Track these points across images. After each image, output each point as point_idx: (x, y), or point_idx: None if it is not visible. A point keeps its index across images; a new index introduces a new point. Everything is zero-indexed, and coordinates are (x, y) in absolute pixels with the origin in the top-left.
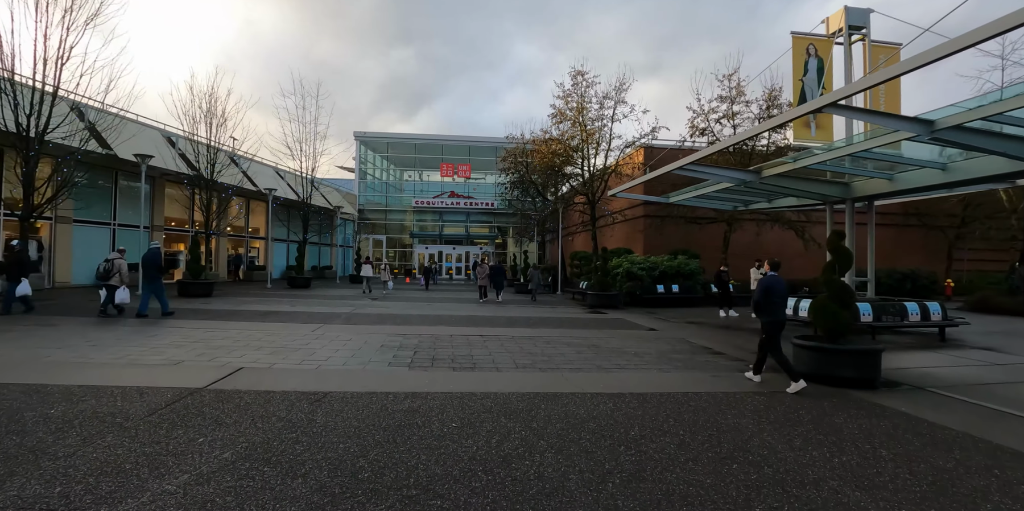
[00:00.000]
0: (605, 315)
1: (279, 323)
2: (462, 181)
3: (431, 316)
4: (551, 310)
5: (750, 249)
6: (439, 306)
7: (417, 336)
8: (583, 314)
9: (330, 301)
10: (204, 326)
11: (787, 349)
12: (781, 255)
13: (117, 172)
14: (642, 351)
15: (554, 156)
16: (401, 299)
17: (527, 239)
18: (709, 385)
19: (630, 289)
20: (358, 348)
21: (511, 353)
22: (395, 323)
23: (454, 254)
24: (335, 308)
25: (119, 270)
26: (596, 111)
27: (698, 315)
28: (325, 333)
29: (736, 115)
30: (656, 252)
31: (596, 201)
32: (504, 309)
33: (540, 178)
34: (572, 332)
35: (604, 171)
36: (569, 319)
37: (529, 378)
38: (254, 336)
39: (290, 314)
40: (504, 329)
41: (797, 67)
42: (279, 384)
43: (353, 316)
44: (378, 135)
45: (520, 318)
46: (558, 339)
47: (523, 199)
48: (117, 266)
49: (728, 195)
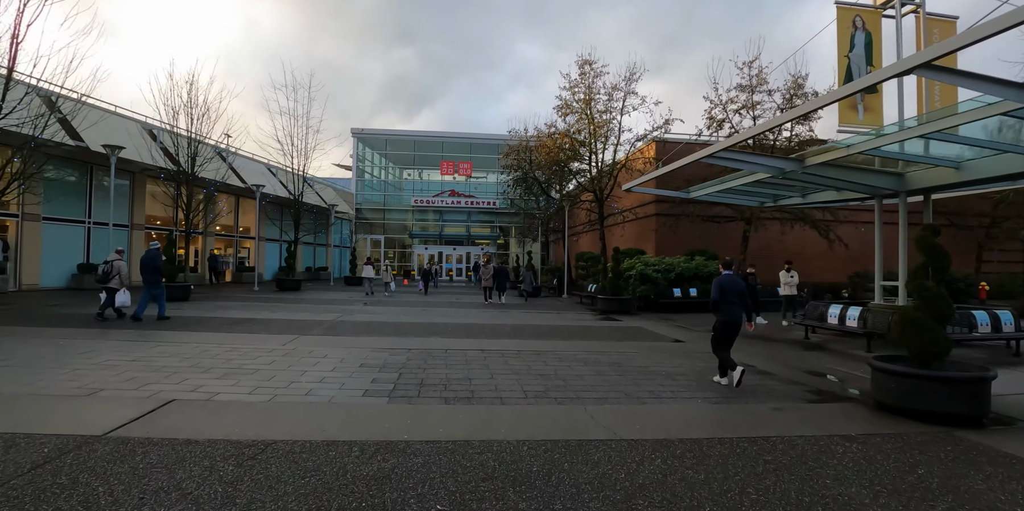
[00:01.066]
0: (619, 322)
1: (248, 334)
2: (463, 179)
3: (425, 325)
4: (559, 316)
5: (770, 249)
6: (435, 312)
7: (406, 351)
8: (595, 321)
9: (317, 306)
10: (157, 338)
11: (845, 366)
12: (802, 256)
13: (92, 166)
14: (675, 371)
15: (560, 151)
16: (395, 303)
17: (530, 239)
18: (778, 424)
19: (643, 293)
20: (331, 369)
21: (517, 375)
22: (383, 334)
23: (455, 255)
24: (319, 315)
25: (118, 272)
26: (604, 103)
27: None
28: (298, 347)
29: (757, 105)
30: (669, 253)
31: (604, 199)
32: (507, 315)
33: (545, 175)
34: (586, 345)
35: (613, 167)
36: (581, 328)
37: (543, 414)
38: (210, 351)
39: (266, 322)
40: (508, 341)
41: (842, 41)
42: (210, 427)
43: (337, 325)
44: (376, 132)
45: (526, 327)
46: (572, 354)
47: (526, 198)
48: (116, 268)
49: (757, 189)
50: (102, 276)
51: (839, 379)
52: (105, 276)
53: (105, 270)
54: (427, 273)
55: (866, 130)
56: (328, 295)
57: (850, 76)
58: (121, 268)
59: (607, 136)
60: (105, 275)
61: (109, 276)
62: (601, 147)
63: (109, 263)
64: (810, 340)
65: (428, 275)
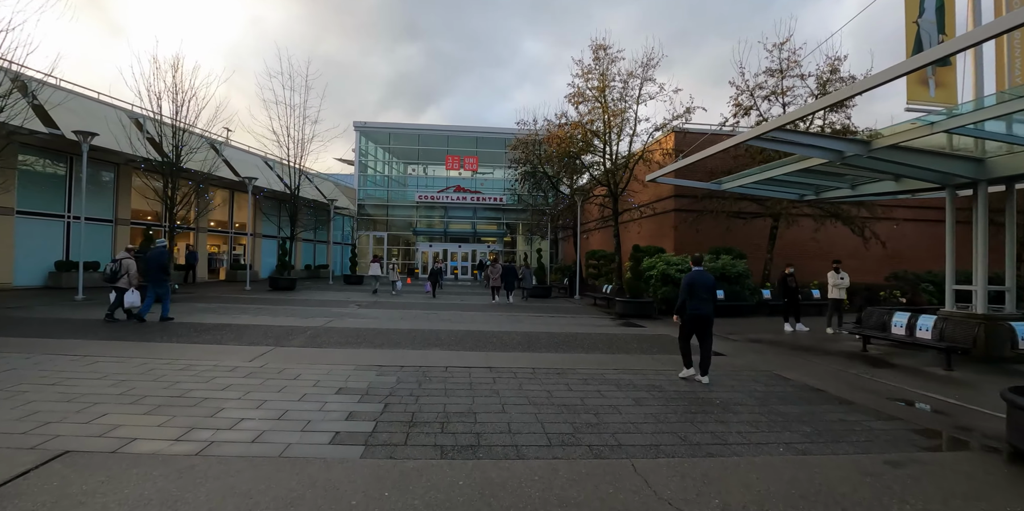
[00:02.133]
0: (643, 329)
1: (214, 345)
2: (469, 175)
3: (425, 332)
4: (574, 321)
5: (798, 247)
6: (437, 316)
7: (398, 370)
8: (615, 327)
9: (307, 308)
10: (101, 351)
11: (928, 388)
12: (831, 255)
13: (72, 157)
14: (731, 398)
15: (572, 142)
16: (393, 305)
17: (538, 237)
18: (912, 495)
19: (665, 295)
20: (299, 397)
21: (536, 406)
22: (373, 345)
23: (460, 252)
24: (307, 319)
25: (127, 271)
26: (620, 91)
27: (757, 329)
28: (267, 364)
29: (787, 91)
30: (688, 251)
31: (620, 193)
32: (517, 321)
33: (556, 168)
34: (613, 360)
35: (629, 158)
36: (602, 337)
37: (577, 477)
38: (156, 371)
39: (240, 330)
40: (520, 355)
41: (911, 5)
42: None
43: (322, 332)
44: (379, 125)
45: (539, 335)
46: (598, 373)
47: (535, 193)
48: (126, 266)
49: (800, 179)
50: (111, 275)
51: (934, 409)
52: (114, 275)
53: (113, 269)
54: (435, 273)
55: (938, 108)
56: (323, 295)
57: (919, 45)
58: (130, 267)
59: (622, 126)
60: (114, 274)
61: (118, 275)
62: (616, 138)
63: (118, 262)
64: (869, 353)
65: (436, 275)
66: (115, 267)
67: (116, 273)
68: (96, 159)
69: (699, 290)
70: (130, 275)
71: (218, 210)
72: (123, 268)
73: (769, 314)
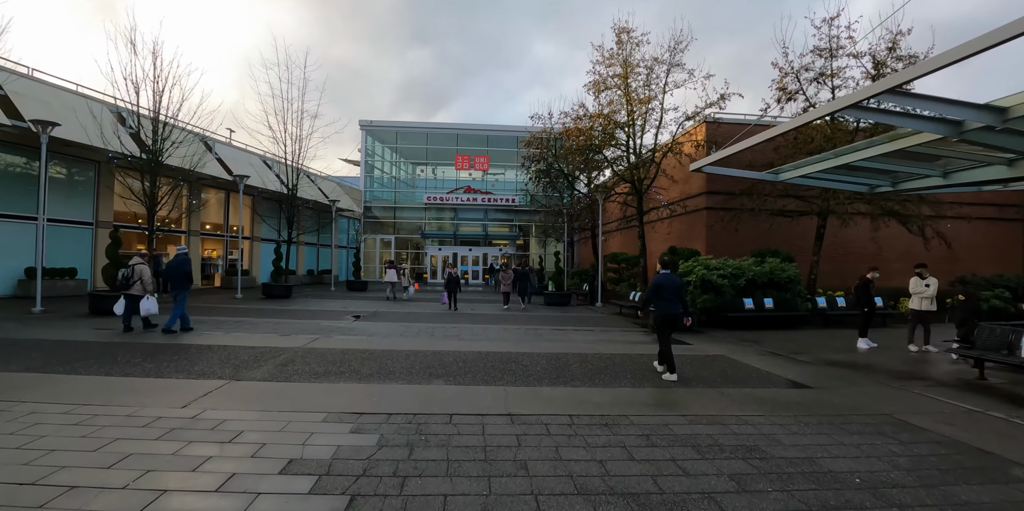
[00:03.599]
0: (688, 347)
1: (151, 379)
2: (479, 175)
3: (426, 355)
4: (604, 336)
5: (843, 249)
6: (444, 330)
7: (383, 421)
8: (655, 345)
9: (295, 322)
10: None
11: None
12: (880, 257)
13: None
14: (875, 474)
15: (592, 136)
16: (396, 317)
17: (553, 239)
18: None
19: (706, 304)
20: (218, 483)
21: (589, 498)
22: (359, 376)
23: (470, 256)
24: (288, 336)
25: (140, 277)
26: (645, 77)
27: (823, 346)
28: (203, 413)
29: (838, 73)
30: (722, 253)
31: (645, 190)
32: (537, 334)
33: (575, 162)
34: (675, 399)
35: (655, 151)
36: (646, 361)
37: None
38: (31, 430)
39: (200, 352)
40: (549, 392)
41: None
42: None
43: (299, 357)
44: (386, 124)
45: (568, 358)
46: (663, 426)
47: (550, 193)
48: (139, 273)
49: (882, 165)
50: (123, 282)
51: None
52: (126, 282)
53: (126, 275)
54: (452, 281)
55: None
56: (320, 304)
57: None
58: (144, 273)
59: (647, 117)
60: (126, 281)
61: (130, 282)
62: (640, 128)
63: (131, 268)
64: (990, 382)
65: (454, 284)
66: (127, 273)
67: (128, 280)
68: (73, 156)
69: (666, 292)
70: (143, 282)
71: (213, 212)
72: (136, 274)
73: (824, 325)
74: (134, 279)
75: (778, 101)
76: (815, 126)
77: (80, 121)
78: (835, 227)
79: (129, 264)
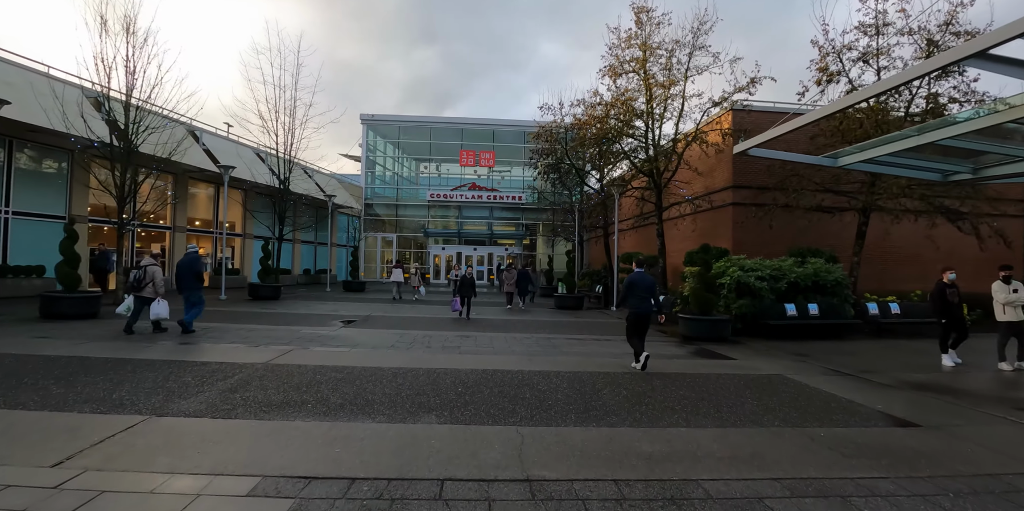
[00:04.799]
0: (733, 362)
1: (45, 413)
2: (485, 172)
3: (417, 375)
4: (631, 348)
5: (883, 250)
6: (443, 339)
7: (341, 491)
8: (692, 359)
9: (272, 328)
10: None
11: None
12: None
13: (11, 141)
14: None
15: (606, 127)
16: (390, 323)
17: (562, 238)
18: None
19: (742, 310)
20: None
21: None
22: (324, 409)
23: (475, 256)
24: (254, 350)
25: (153, 279)
26: (665, 62)
27: (890, 361)
28: (82, 474)
29: (884, 52)
30: (751, 252)
31: (666, 184)
32: (552, 344)
33: (589, 155)
34: (751, 447)
35: (675, 141)
36: (690, 383)
37: None
38: None
39: (132, 371)
40: (579, 435)
41: None
42: None
43: (255, 378)
44: (388, 118)
45: (595, 379)
46: (754, 504)
47: (559, 190)
48: (151, 274)
49: (966, 143)
50: (134, 283)
51: None
52: (138, 283)
53: (137, 276)
54: (466, 283)
55: None
56: (308, 307)
57: None
58: (156, 274)
59: (666, 104)
60: (138, 282)
61: (142, 283)
62: (660, 117)
63: (143, 268)
64: None
65: (469, 287)
66: (139, 274)
67: (140, 281)
68: (43, 144)
69: (638, 290)
70: (156, 283)
71: (202, 207)
72: (148, 275)
73: (876, 335)
74: (146, 281)
75: (818, 83)
76: (863, 110)
77: (44, 104)
78: (874, 225)
79: (141, 265)
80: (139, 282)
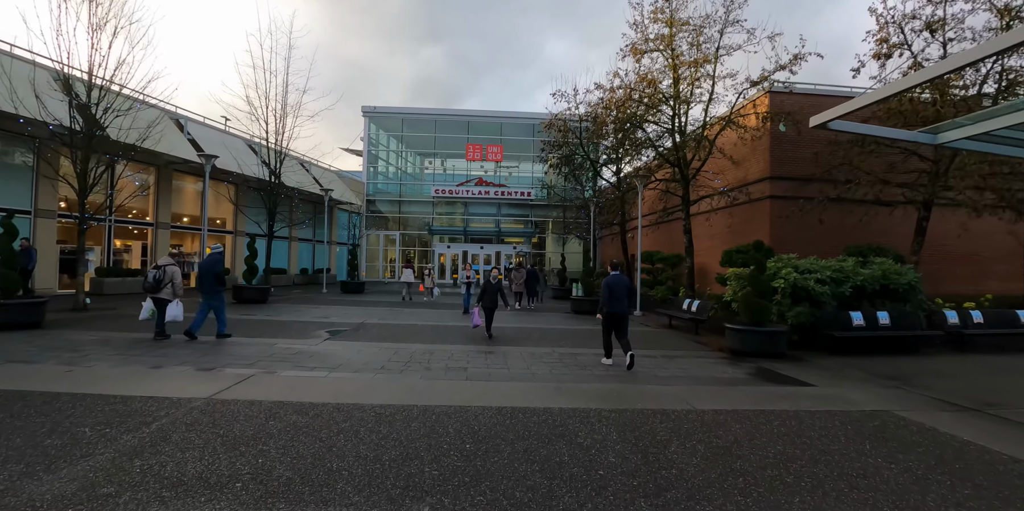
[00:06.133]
0: (811, 388)
1: None
2: (492, 167)
3: (411, 418)
4: (678, 368)
5: (935, 249)
6: (447, 358)
7: None
8: (756, 385)
9: (238, 344)
10: None
11: None
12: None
13: None
14: None
15: (626, 111)
16: (386, 333)
17: (574, 236)
18: None
19: (799, 319)
20: None
21: None
22: (262, 494)
23: (482, 254)
24: (202, 375)
25: (172, 280)
26: (692, 39)
27: (1001, 385)
28: None
29: (953, 22)
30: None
31: (694, 175)
32: (578, 363)
33: (610, 141)
34: None
35: (704, 127)
36: (777, 428)
37: None
38: None
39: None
40: None
41: None
42: None
43: (174, 432)
44: (391, 110)
45: (655, 427)
46: None
47: (572, 185)
48: (170, 274)
49: None
50: (153, 284)
51: None
52: (157, 284)
53: (156, 277)
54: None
55: None
56: (295, 313)
57: None
58: (175, 275)
59: (694, 84)
60: (157, 283)
61: (161, 284)
62: (686, 99)
63: (161, 269)
64: None
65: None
66: (158, 275)
67: (159, 282)
68: (6, 131)
69: (617, 292)
70: (175, 285)
71: (189, 202)
72: (167, 276)
73: (956, 348)
74: (165, 281)
75: (876, 57)
76: (938, 85)
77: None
78: (934, 221)
79: (159, 265)
80: (158, 283)
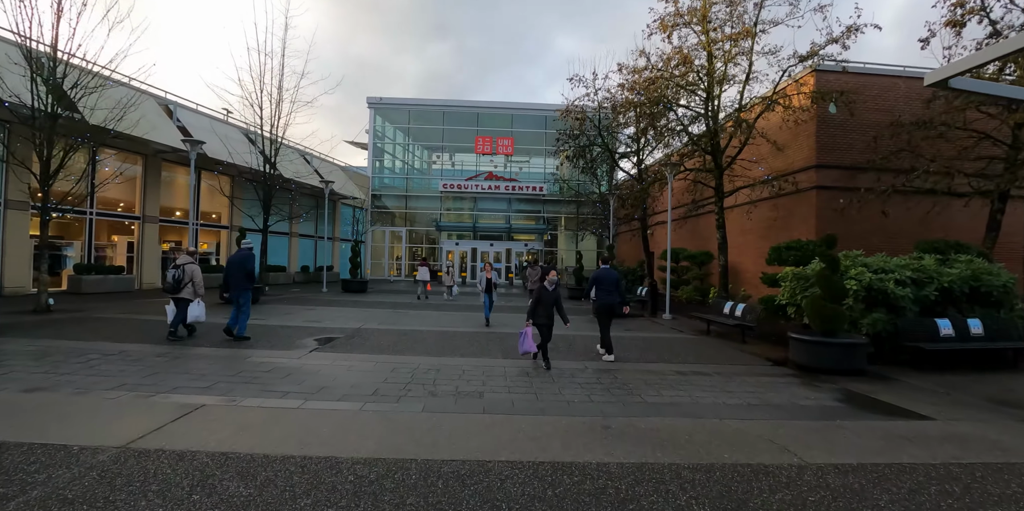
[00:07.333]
0: (929, 422)
1: None
2: (502, 160)
3: (406, 483)
4: (749, 393)
5: (1008, 242)
6: (455, 378)
7: None
8: (856, 418)
9: (207, 356)
10: None
11: None
12: None
13: None
14: None
15: (655, 93)
16: (384, 343)
17: (589, 232)
18: None
19: (876, 327)
20: None
21: None
22: None
23: (491, 252)
24: (128, 411)
25: (192, 278)
26: (726, 14)
27: None
28: None
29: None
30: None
31: (729, 164)
32: (616, 380)
33: (637, 128)
34: None
35: (740, 110)
36: (922, 503)
37: None
38: None
39: None
40: None
41: None
42: None
43: (96, 486)
44: (397, 102)
45: (750, 491)
46: None
47: (589, 178)
48: (190, 273)
49: None
50: (173, 284)
51: None
52: (176, 284)
53: (176, 276)
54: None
55: None
56: (285, 316)
57: None
58: (195, 274)
59: (729, 62)
60: (177, 283)
61: (181, 284)
62: (721, 78)
63: (180, 268)
64: None
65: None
66: (178, 274)
67: (180, 281)
68: None
69: (605, 285)
70: (195, 284)
71: (180, 195)
72: (187, 275)
73: None
74: (185, 281)
75: (949, 24)
76: None
77: None
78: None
79: (178, 264)
80: (178, 283)
